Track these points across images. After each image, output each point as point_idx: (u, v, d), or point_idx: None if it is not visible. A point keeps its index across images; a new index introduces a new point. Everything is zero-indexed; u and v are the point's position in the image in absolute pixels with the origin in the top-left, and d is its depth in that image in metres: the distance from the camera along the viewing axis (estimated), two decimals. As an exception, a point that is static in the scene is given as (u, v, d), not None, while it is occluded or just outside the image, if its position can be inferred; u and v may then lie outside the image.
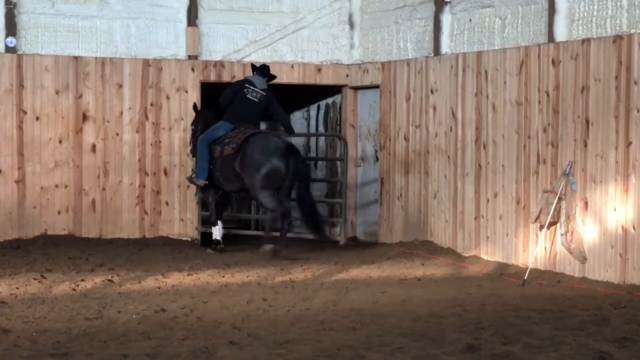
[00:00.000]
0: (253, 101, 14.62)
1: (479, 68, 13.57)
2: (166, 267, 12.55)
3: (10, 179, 14.76)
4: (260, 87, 14.70)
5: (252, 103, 14.63)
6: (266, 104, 14.77)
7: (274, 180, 14.00)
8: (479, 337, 8.22)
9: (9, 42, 14.72)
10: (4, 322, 8.83)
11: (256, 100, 14.63)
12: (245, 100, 14.62)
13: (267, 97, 14.73)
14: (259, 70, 14.90)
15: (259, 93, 14.64)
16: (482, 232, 13.45)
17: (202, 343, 7.94)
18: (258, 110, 14.72)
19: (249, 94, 14.64)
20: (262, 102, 14.69)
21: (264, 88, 14.75)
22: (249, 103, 14.62)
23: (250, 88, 14.66)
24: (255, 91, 14.65)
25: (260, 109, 14.74)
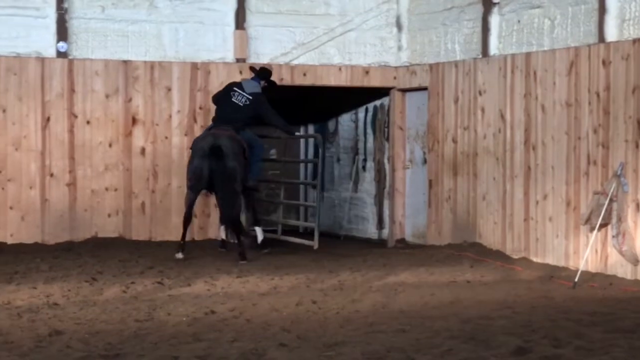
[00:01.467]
0: (236, 105, 14.36)
1: (527, 69, 13.50)
2: (215, 270, 12.60)
3: (62, 182, 14.90)
4: (249, 91, 14.43)
5: (234, 107, 14.35)
6: (254, 109, 14.41)
7: (195, 180, 13.82)
8: (529, 339, 8.18)
9: (61, 47, 14.87)
10: (56, 323, 8.92)
11: (240, 105, 14.36)
12: (228, 104, 14.41)
13: (254, 101, 14.39)
14: (257, 74, 14.75)
15: (244, 97, 14.39)
16: (531, 234, 13.37)
17: (252, 345, 7.96)
18: (241, 113, 14.35)
19: (234, 97, 14.41)
20: (246, 106, 14.36)
21: (253, 92, 14.45)
22: (231, 106, 14.37)
23: (237, 92, 14.44)
24: (241, 95, 14.41)
25: (244, 112, 14.36)
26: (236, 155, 13.85)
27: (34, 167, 14.81)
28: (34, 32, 14.83)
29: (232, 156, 13.77)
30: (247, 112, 14.39)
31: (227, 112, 14.40)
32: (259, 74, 14.73)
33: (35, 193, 14.80)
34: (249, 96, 14.40)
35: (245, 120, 14.42)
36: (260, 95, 14.56)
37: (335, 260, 13.86)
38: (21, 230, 14.72)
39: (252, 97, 14.41)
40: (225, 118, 14.36)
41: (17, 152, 14.74)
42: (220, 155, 13.67)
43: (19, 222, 14.73)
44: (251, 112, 14.43)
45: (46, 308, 9.74)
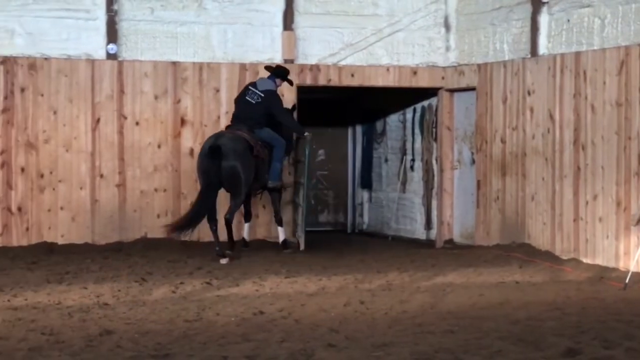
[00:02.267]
0: (249, 103, 14.41)
1: (577, 69, 13.40)
2: (263, 270, 12.63)
3: (112, 183, 15.02)
4: (261, 89, 14.46)
5: (247, 105, 14.40)
6: (266, 107, 14.41)
7: (200, 178, 13.93)
8: (579, 340, 8.12)
9: (110, 49, 15.00)
10: (107, 323, 9.00)
11: (252, 102, 14.39)
12: (242, 102, 14.50)
13: (266, 98, 14.40)
14: (272, 73, 14.74)
15: (256, 94, 14.41)
16: (581, 235, 13.28)
17: (300, 345, 7.98)
18: (253, 111, 14.38)
19: (247, 95, 14.47)
20: (258, 104, 14.37)
21: (266, 89, 14.46)
22: (245, 105, 14.44)
23: (251, 90, 14.49)
24: (254, 92, 14.44)
25: (257, 110, 14.38)
26: (237, 154, 13.86)
27: (84, 168, 14.94)
28: (84, 34, 14.97)
29: (232, 155, 13.79)
30: (259, 110, 14.41)
31: (241, 110, 14.50)
32: (274, 73, 14.74)
33: (86, 194, 14.93)
34: (261, 94, 14.43)
35: (258, 118, 14.43)
36: (273, 93, 14.57)
37: (383, 260, 13.85)
38: (72, 231, 14.86)
39: (264, 94, 14.43)
40: (239, 117, 14.48)
41: (67, 154, 14.88)
42: (218, 154, 13.72)
43: (70, 223, 14.87)
44: (263, 110, 14.43)
45: (96, 308, 9.83)
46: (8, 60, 14.71)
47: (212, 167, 13.70)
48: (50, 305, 9.97)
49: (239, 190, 13.96)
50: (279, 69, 14.82)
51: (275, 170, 14.59)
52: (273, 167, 14.56)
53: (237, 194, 13.98)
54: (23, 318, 9.22)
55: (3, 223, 14.64)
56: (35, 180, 14.75)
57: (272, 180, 14.58)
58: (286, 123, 14.78)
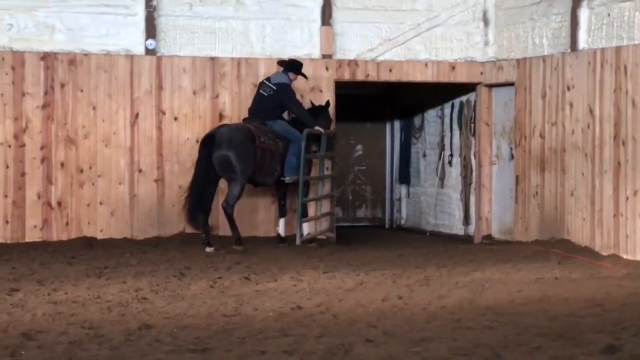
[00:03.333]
0: (262, 95, 14.62)
1: (617, 63, 13.30)
2: (301, 265, 12.64)
3: (150, 178, 15.09)
4: (274, 82, 14.59)
5: (260, 98, 14.64)
6: (278, 99, 14.56)
7: (197, 169, 14.13)
8: (619, 337, 8.06)
9: (149, 45, 15.06)
10: (145, 317, 9.03)
11: (265, 95, 14.58)
12: (256, 96, 14.73)
13: (278, 91, 14.52)
14: (285, 68, 14.81)
15: (269, 87, 14.55)
16: (621, 231, 13.19)
17: (338, 340, 7.97)
18: (266, 103, 14.56)
19: (261, 89, 14.67)
20: (270, 97, 14.54)
21: (278, 82, 14.57)
22: (258, 98, 14.68)
23: (265, 83, 14.67)
24: (267, 86, 14.59)
25: (270, 102, 14.55)
26: (233, 144, 14.02)
27: (123, 163, 15.02)
28: (123, 29, 15.05)
29: (226, 145, 14.00)
30: (271, 102, 14.57)
31: (254, 104, 14.73)
32: (287, 67, 14.76)
33: (124, 189, 15.01)
34: (273, 86, 14.55)
35: (270, 111, 14.59)
36: (286, 86, 14.66)
37: (421, 255, 13.83)
38: (110, 226, 14.95)
39: (276, 87, 14.55)
40: (252, 110, 14.69)
41: (106, 149, 14.97)
42: (211, 144, 13.99)
43: (109, 218, 14.96)
44: (276, 102, 14.59)
45: (135, 302, 9.87)
46: (48, 56, 14.81)
47: (203, 156, 13.99)
48: (90, 299, 10.02)
49: (235, 179, 14.13)
50: (291, 63, 14.90)
51: (291, 164, 14.60)
52: (288, 161, 14.61)
53: (233, 183, 14.15)
54: (63, 312, 9.28)
55: (43, 218, 14.76)
56: (74, 175, 14.85)
57: (287, 174, 14.61)
58: (298, 115, 14.84)
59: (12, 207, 14.64)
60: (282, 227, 14.99)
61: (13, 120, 14.68)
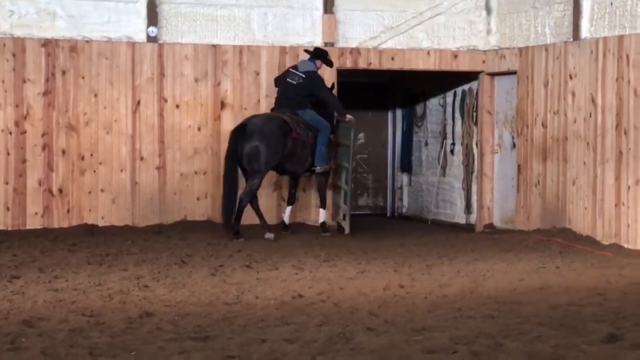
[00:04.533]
0: (291, 84, 14.50)
1: (620, 52, 13.27)
2: (303, 254, 12.65)
3: (152, 166, 15.08)
4: (302, 70, 14.51)
5: (289, 86, 14.50)
6: (308, 88, 14.48)
7: (227, 159, 14.06)
8: (620, 326, 8.06)
9: (151, 32, 15.03)
10: (147, 305, 9.04)
11: (294, 83, 14.47)
12: (284, 84, 14.59)
13: (307, 79, 14.44)
14: (311, 55, 14.76)
15: (297, 75, 14.47)
16: (622, 220, 13.18)
17: (339, 329, 7.98)
18: (296, 92, 14.46)
19: (289, 77, 14.55)
20: (300, 85, 14.43)
21: (307, 70, 14.51)
22: (286, 86, 14.53)
23: (292, 72, 14.57)
24: (295, 74, 14.50)
25: (298, 91, 14.46)
26: (264, 135, 13.97)
27: (125, 151, 15.00)
28: (124, 16, 15.01)
29: (258, 136, 13.93)
30: (300, 91, 14.49)
31: (283, 92, 14.60)
32: (314, 55, 14.74)
33: (126, 176, 15.00)
34: (302, 74, 14.48)
35: (300, 100, 14.51)
36: (314, 74, 14.61)
37: (423, 244, 13.83)
38: (112, 213, 14.94)
39: (305, 75, 14.48)
40: (281, 99, 14.58)
41: (108, 136, 14.95)
42: (242, 135, 13.90)
43: (110, 205, 14.95)
44: (305, 91, 14.52)
45: (136, 290, 9.88)
46: (49, 42, 14.78)
47: (233, 147, 13.92)
48: (91, 286, 10.03)
49: (259, 171, 14.06)
50: (318, 51, 14.85)
51: (321, 153, 14.62)
52: (319, 151, 14.60)
53: (254, 174, 14.08)
54: (64, 299, 9.29)
55: (44, 205, 14.74)
56: (76, 162, 14.83)
57: (318, 164, 14.63)
58: (329, 102, 14.80)
59: (13, 194, 14.62)
60: (287, 214, 14.98)
61: (14, 107, 14.64)
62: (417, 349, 7.31)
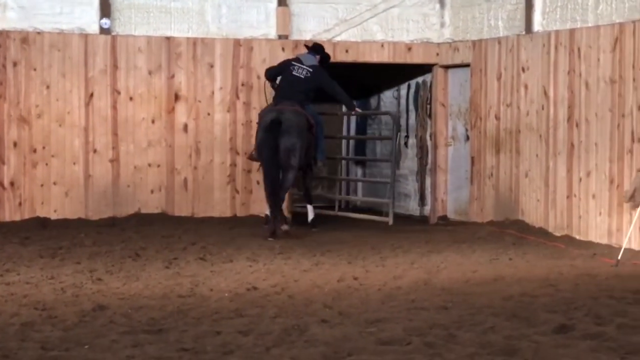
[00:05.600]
0: (297, 77, 14.28)
1: (571, 46, 13.38)
2: (257, 246, 12.64)
3: (105, 158, 14.99)
4: (308, 64, 14.39)
5: (296, 80, 14.26)
6: (315, 81, 14.36)
7: (260, 154, 13.81)
8: (571, 317, 8.14)
9: (104, 24, 14.94)
10: (100, 298, 9.00)
11: (301, 77, 14.28)
12: (289, 78, 14.31)
13: (315, 73, 14.34)
14: (311, 49, 14.73)
15: (304, 69, 14.32)
16: (574, 212, 13.30)
17: (294, 321, 7.99)
18: (302, 86, 14.27)
19: (295, 71, 14.33)
20: (308, 79, 14.27)
21: (313, 65, 14.41)
22: (292, 80, 14.28)
23: (297, 65, 14.37)
24: (301, 68, 14.34)
25: (306, 85, 14.28)
26: (299, 130, 13.85)
27: (78, 143, 14.90)
28: (77, 8, 14.89)
29: (295, 131, 13.78)
30: (308, 85, 14.30)
31: (290, 86, 14.29)
32: (313, 49, 14.69)
33: (79, 169, 14.90)
34: (310, 68, 14.34)
35: (307, 94, 14.35)
36: (320, 68, 14.51)
37: (377, 236, 13.87)
38: (65, 206, 14.83)
39: (312, 69, 14.35)
40: (288, 92, 14.25)
41: (60, 128, 14.84)
42: (280, 129, 13.65)
43: (63, 198, 14.84)
44: (313, 85, 14.35)
45: (90, 283, 9.82)
46: (0, 34, 14.63)
47: (271, 141, 13.64)
48: (43, 280, 9.96)
49: (293, 166, 13.92)
50: (317, 46, 14.79)
51: (321, 147, 14.68)
52: (320, 145, 14.58)
53: (290, 169, 13.93)
54: (16, 293, 9.22)
55: (-4, 198, 14.62)
56: (27, 155, 14.71)
57: (320, 157, 14.79)
58: (340, 96, 14.77)
59: (-36, 187, 14.50)
60: (310, 213, 14.91)
61: (-35, 99, 14.51)
62: (371, 340, 7.34)
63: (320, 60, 14.66)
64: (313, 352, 6.97)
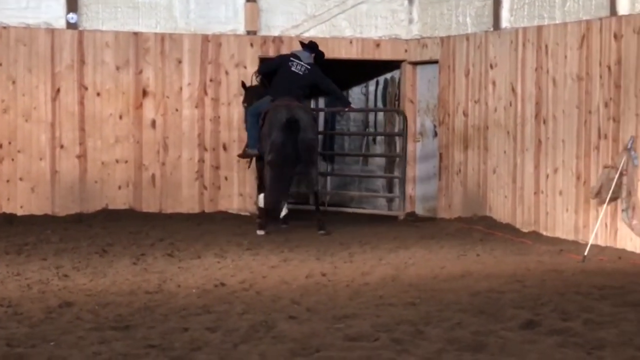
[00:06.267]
0: (296, 74, 14.28)
1: (539, 42, 13.43)
2: (225, 242, 12.62)
3: (72, 154, 14.92)
4: (306, 61, 14.40)
5: (294, 76, 14.26)
6: (313, 78, 14.41)
7: (273, 153, 13.70)
8: (538, 312, 8.18)
9: (71, 19, 14.85)
10: (67, 295, 8.95)
11: (300, 73, 14.31)
12: (288, 73, 14.29)
13: (313, 71, 14.36)
14: (306, 47, 14.75)
15: (303, 66, 14.33)
16: (541, 208, 13.36)
17: (262, 317, 7.98)
18: (301, 82, 14.31)
19: (293, 66, 14.33)
20: (306, 75, 14.30)
21: (309, 62, 14.42)
22: (291, 76, 14.26)
23: (295, 61, 14.36)
24: (300, 64, 14.35)
25: (304, 81, 14.33)
26: (314, 127, 14.21)
27: (44, 139, 14.82)
28: (43, 2, 14.81)
29: (311, 128, 13.99)
30: (305, 82, 14.36)
31: (288, 82, 14.27)
32: (308, 47, 14.66)
33: (46, 164, 14.82)
34: (307, 65, 14.35)
35: (305, 90, 14.49)
36: (316, 65, 14.52)
37: (346, 233, 13.87)
38: (31, 202, 14.75)
39: (310, 66, 14.37)
40: (287, 88, 14.22)
41: (27, 124, 14.75)
42: (298, 127, 13.71)
43: (29, 194, 14.76)
44: (310, 81, 14.43)
45: (56, 280, 9.77)
46: (-33, 29, 14.54)
47: (290, 141, 13.67)
48: (9, 276, 9.90)
49: (314, 162, 14.21)
50: (312, 43, 14.75)
51: None
52: None
53: (312, 165, 14.14)
54: (-18, 289, 9.16)
55: (-38, 194, 14.52)
56: (-6, 150, 14.63)
57: None
58: (335, 93, 14.95)
59: None
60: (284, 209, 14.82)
61: None
62: (339, 336, 7.33)
63: (314, 58, 14.68)
64: (281, 348, 6.97)
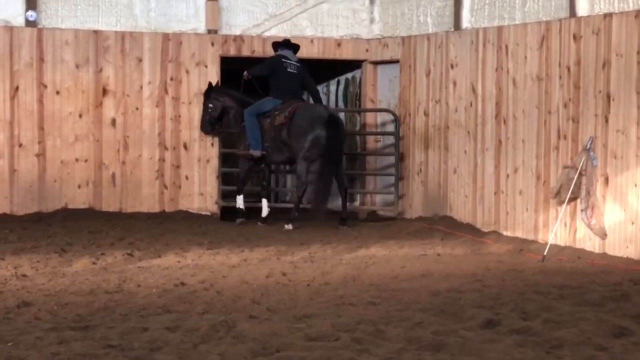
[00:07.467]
0: (293, 74, 14.78)
1: (499, 43, 13.50)
2: (186, 241, 12.58)
3: (31, 153, 14.80)
4: (294, 60, 14.87)
5: (292, 77, 14.78)
6: (304, 77, 14.92)
7: (315, 149, 14.10)
8: (498, 312, 8.22)
9: (29, 16, 14.74)
10: (25, 295, 8.88)
11: (295, 73, 14.79)
12: (286, 75, 14.75)
13: (301, 69, 14.89)
14: (284, 45, 14.90)
15: (294, 65, 14.80)
16: (501, 208, 13.42)
17: (222, 317, 7.96)
18: (299, 82, 14.87)
19: (289, 67, 14.76)
20: (298, 75, 14.82)
21: (297, 60, 14.90)
22: (290, 77, 14.75)
23: (287, 62, 14.76)
24: (293, 64, 14.80)
25: (299, 81, 14.85)
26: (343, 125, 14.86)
27: (2, 137, 14.70)
28: (2, 0, 14.67)
29: (342, 126, 14.64)
30: (298, 81, 14.85)
31: (289, 83, 14.78)
32: (285, 45, 14.93)
33: (4, 163, 14.70)
34: (297, 64, 14.85)
35: (301, 90, 15.03)
36: (303, 64, 14.98)
37: (306, 232, 13.88)
38: (-10, 201, 14.63)
39: (299, 64, 14.85)
40: (289, 89, 14.74)
41: (-15, 122, 14.62)
42: (338, 124, 14.32)
43: (-12, 193, 14.63)
44: (303, 80, 14.90)
45: (14, 279, 9.70)
46: None
47: (334, 136, 14.11)
48: (-33, 276, 9.81)
49: (341, 158, 14.73)
50: (287, 41, 15.06)
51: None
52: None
53: (341, 162, 14.70)
54: (-61, 289, 9.07)
55: None
56: (-48, 149, 14.48)
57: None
58: (317, 94, 15.36)
59: None
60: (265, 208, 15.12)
61: None
62: (299, 336, 7.34)
63: None
64: (241, 348, 6.95)
